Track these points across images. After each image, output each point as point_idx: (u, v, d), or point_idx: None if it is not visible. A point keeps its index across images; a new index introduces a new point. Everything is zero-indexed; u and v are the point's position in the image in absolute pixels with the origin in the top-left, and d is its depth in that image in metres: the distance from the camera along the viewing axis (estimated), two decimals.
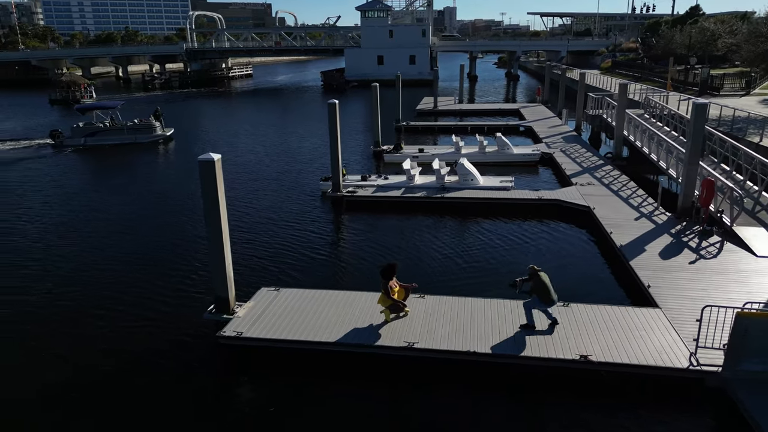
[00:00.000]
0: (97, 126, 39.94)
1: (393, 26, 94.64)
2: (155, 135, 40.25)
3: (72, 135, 39.44)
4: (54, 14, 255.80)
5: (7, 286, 16.00)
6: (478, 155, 30.62)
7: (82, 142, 39.02)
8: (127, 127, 40.10)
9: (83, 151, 37.69)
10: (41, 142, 40.23)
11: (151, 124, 40.60)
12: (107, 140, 39.28)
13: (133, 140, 39.41)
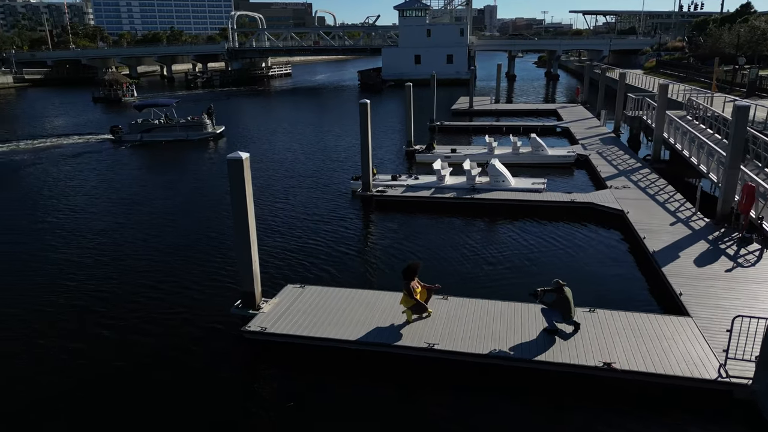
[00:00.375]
0: (152, 123, 41.70)
1: (431, 25, 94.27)
2: (206, 132, 41.39)
3: (130, 131, 41.37)
4: (104, 14, 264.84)
5: (49, 272, 16.71)
6: (511, 156, 30.30)
7: (139, 137, 40.80)
8: (179, 125, 41.59)
9: (139, 146, 39.32)
10: (103, 137, 42.30)
11: (202, 121, 41.80)
12: (161, 136, 40.93)
13: (185, 137, 40.80)
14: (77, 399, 10.81)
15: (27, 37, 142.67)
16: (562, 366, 10.99)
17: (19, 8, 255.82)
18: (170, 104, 43.09)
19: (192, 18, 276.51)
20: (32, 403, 10.70)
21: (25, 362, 12.13)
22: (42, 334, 13.30)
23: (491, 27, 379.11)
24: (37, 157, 36.64)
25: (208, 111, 42.98)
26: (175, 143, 39.64)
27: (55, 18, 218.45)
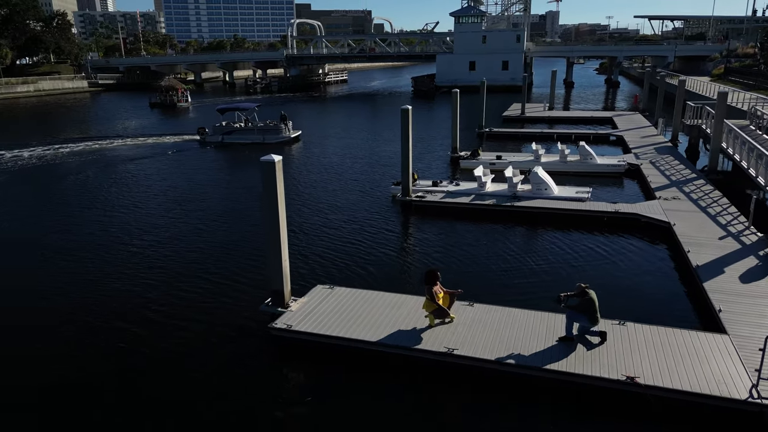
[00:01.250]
0: (233, 126, 43.60)
1: (486, 31, 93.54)
2: (282, 136, 42.75)
3: (213, 132, 43.53)
4: (174, 23, 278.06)
5: (93, 261, 17.80)
6: (558, 164, 29.74)
7: (220, 139, 42.90)
8: (257, 128, 43.32)
9: (221, 147, 41.29)
10: (191, 137, 44.74)
11: (279, 126, 43.25)
12: (240, 139, 42.77)
13: (261, 140, 42.13)
14: (117, 377, 11.51)
15: (103, 45, 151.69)
16: (582, 378, 10.76)
17: (98, 17, 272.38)
18: (251, 108, 44.78)
19: (255, 26, 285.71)
20: (74, 381, 11.47)
21: (69, 341, 12.99)
22: (84, 316, 14.20)
23: (553, 33, 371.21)
24: (128, 154, 39.68)
25: (282, 116, 44.24)
26: (253, 146, 41.03)
27: (129, 26, 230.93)
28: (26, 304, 15.30)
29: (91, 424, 10.29)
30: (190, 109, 71.03)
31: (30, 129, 55.56)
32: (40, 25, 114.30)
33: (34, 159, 37.90)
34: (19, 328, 13.99)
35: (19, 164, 36.12)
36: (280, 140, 42.49)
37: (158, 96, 75.00)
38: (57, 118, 66.61)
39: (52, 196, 28.08)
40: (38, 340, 13.32)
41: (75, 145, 43.24)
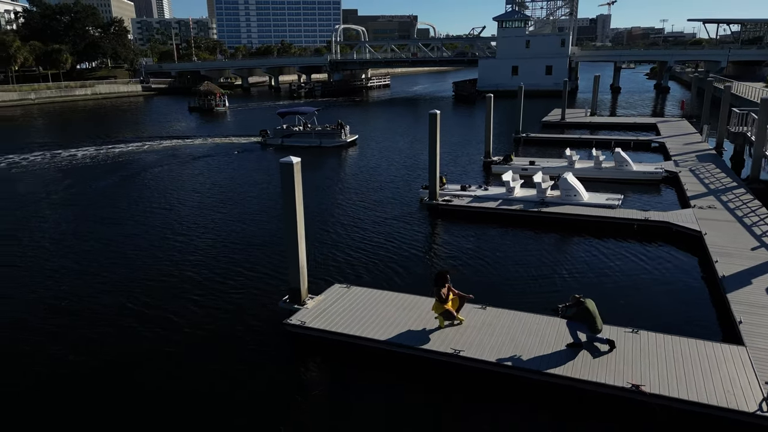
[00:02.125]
0: (292, 129, 44.97)
1: (530, 36, 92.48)
2: (338, 140, 43.30)
3: (274, 135, 45.00)
4: (225, 28, 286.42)
5: (147, 252, 18.76)
6: (592, 171, 29.29)
7: (280, 141, 44.27)
8: (315, 132, 44.40)
9: (280, 149, 42.30)
10: (255, 139, 46.34)
11: (336, 130, 44.04)
12: (298, 142, 43.92)
13: (318, 144, 43.16)
14: (142, 360, 12.21)
15: (157, 50, 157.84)
16: (585, 383, 10.73)
17: (154, 24, 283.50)
18: (311, 112, 45.92)
19: (303, 31, 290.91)
20: (106, 366, 12.24)
21: (110, 321, 13.83)
22: (119, 301, 15.06)
23: (603, 37, 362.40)
24: (197, 152, 41.88)
25: (338, 123, 44.93)
26: (310, 149, 41.93)
27: (183, 32, 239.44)
28: (68, 286, 16.32)
29: (107, 408, 10.96)
30: (227, 114, 72.52)
31: (87, 130, 58.45)
32: (99, 32, 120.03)
33: (87, 159, 39.98)
34: (63, 309, 14.96)
35: (83, 161, 38.21)
36: (337, 144, 43.04)
37: (197, 100, 76.65)
38: (112, 120, 69.93)
39: (106, 192, 29.57)
40: (79, 319, 14.23)
41: (139, 145, 45.74)
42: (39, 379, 11.91)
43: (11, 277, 17.86)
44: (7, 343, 13.54)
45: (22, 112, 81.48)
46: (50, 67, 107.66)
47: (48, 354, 12.96)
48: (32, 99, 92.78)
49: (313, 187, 29.42)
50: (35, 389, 11.57)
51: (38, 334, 13.94)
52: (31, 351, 13.10)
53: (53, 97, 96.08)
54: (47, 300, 15.94)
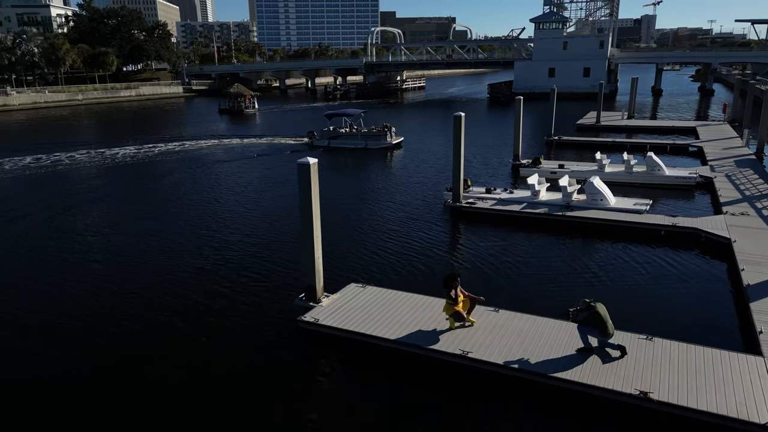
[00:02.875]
0: (339, 131, 45.21)
1: (568, 38, 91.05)
2: (384, 142, 43.36)
3: (321, 137, 45.44)
4: (265, 31, 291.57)
5: (149, 249, 19.45)
6: (623, 175, 28.76)
7: (327, 143, 44.65)
8: (361, 134, 44.63)
9: (326, 151, 42.76)
10: (302, 141, 46.99)
11: (382, 132, 44.05)
12: (344, 144, 44.32)
13: (364, 145, 43.29)
14: (160, 360, 12.74)
15: (199, 53, 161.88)
16: (593, 389, 10.65)
17: (198, 27, 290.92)
18: (357, 114, 46.24)
19: (341, 33, 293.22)
20: (127, 355, 12.82)
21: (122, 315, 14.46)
22: (136, 292, 15.69)
23: (648, 38, 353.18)
24: (247, 152, 42.83)
25: (385, 125, 44.85)
26: (356, 151, 42.34)
27: (225, 35, 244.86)
28: (97, 276, 17.08)
29: (125, 399, 11.48)
30: (257, 116, 73.22)
31: (130, 130, 60.56)
32: (144, 35, 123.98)
33: (127, 158, 41.48)
34: (95, 298, 15.70)
35: (124, 160, 39.73)
36: (382, 146, 43.03)
37: (227, 102, 76.67)
38: (153, 121, 72.17)
39: (144, 189, 30.70)
40: (104, 309, 14.92)
41: (178, 145, 46.93)
42: (63, 367, 12.55)
43: (51, 265, 18.77)
44: (45, 325, 14.29)
45: (70, 112, 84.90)
46: (97, 69, 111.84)
47: (76, 341, 13.63)
48: (80, 100, 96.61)
49: (343, 187, 30.15)
50: (58, 376, 12.21)
51: (72, 320, 14.65)
52: (67, 334, 13.81)
53: (99, 98, 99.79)
54: (81, 289, 16.71)
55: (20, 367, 12.57)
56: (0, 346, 13.58)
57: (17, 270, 18.70)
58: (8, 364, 12.72)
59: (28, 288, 17.08)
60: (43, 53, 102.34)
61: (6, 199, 28.90)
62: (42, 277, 17.92)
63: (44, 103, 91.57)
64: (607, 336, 11.52)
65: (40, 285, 17.30)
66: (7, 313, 15.32)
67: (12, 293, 16.69)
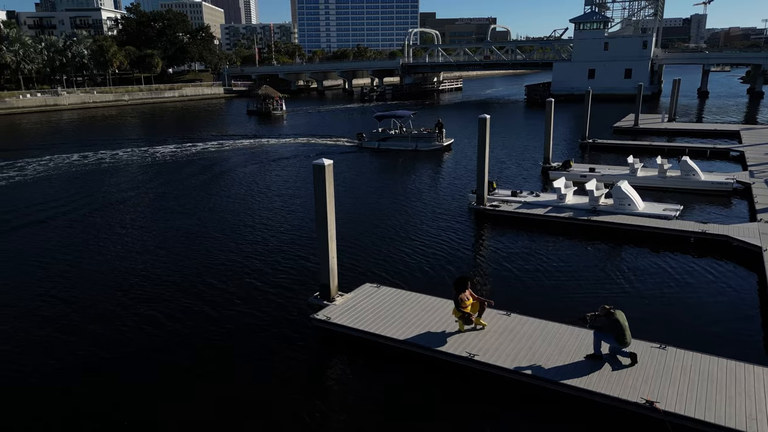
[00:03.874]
0: (389, 132, 44.84)
1: (609, 38, 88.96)
2: (434, 144, 42.65)
3: (370, 138, 45.18)
4: (306, 33, 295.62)
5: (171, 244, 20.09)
6: (656, 180, 28.04)
7: (376, 145, 44.24)
8: (411, 135, 44.13)
9: (375, 152, 42.52)
10: (351, 142, 46.99)
11: (433, 134, 43.36)
12: (394, 145, 43.94)
13: (414, 147, 42.54)
14: (180, 351, 13.22)
15: (241, 55, 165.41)
16: (598, 396, 10.51)
17: (241, 29, 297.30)
18: (407, 116, 45.81)
19: (380, 34, 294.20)
20: (142, 350, 13.37)
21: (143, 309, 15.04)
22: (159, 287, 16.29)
23: (698, 38, 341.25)
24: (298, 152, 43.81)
25: (438, 125, 44.02)
26: (404, 152, 41.81)
27: (267, 37, 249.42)
28: (124, 268, 17.84)
29: (138, 391, 11.96)
30: (284, 117, 73.51)
31: (171, 129, 62.52)
32: (188, 37, 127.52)
33: (167, 156, 42.87)
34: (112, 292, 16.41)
35: (164, 158, 41.13)
36: (432, 148, 42.38)
37: (255, 103, 76.99)
38: (193, 121, 74.15)
39: (183, 186, 31.70)
40: (127, 302, 15.57)
41: (216, 144, 48.17)
42: (71, 354, 13.19)
43: (87, 255, 19.66)
44: (75, 310, 15.04)
45: (116, 112, 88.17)
46: (143, 71, 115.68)
47: (97, 326, 14.28)
48: (126, 100, 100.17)
49: (374, 187, 30.63)
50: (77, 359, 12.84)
51: (96, 309, 15.36)
52: (98, 319, 14.50)
53: (144, 98, 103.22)
54: (107, 277, 17.47)
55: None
56: (51, 322, 14.41)
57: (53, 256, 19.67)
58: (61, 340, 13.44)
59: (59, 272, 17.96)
60: (92, 55, 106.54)
61: (52, 194, 30.28)
62: (71, 260, 18.81)
63: (92, 103, 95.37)
64: (623, 345, 11.32)
65: (68, 267, 18.17)
66: (50, 295, 16.19)
67: (56, 277, 17.58)
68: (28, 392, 11.79)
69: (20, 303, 16.19)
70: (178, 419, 10.80)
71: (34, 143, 53.32)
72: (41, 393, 11.74)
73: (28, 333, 14.36)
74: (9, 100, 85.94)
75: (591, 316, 11.68)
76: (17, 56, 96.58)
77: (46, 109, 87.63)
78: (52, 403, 11.43)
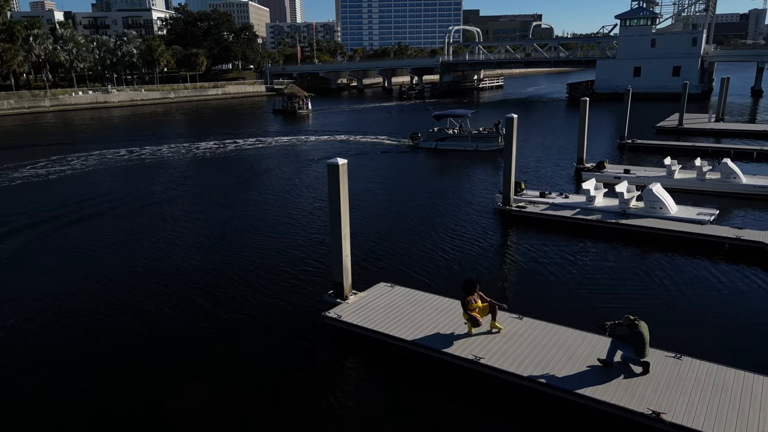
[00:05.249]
0: (446, 132, 43.36)
1: (656, 35, 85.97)
2: (495, 144, 40.69)
3: (426, 138, 43.68)
4: (349, 31, 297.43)
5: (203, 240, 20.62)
6: (694, 182, 27.04)
7: (434, 145, 42.75)
8: (471, 135, 42.23)
9: (432, 153, 41.35)
10: (404, 142, 45.55)
11: (493, 134, 41.61)
12: (452, 145, 42.58)
13: (474, 148, 40.88)
14: (199, 344, 13.63)
15: (285, 53, 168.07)
16: (603, 404, 10.26)
17: (285, 28, 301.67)
18: (466, 115, 43.81)
19: (423, 32, 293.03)
20: (160, 343, 13.84)
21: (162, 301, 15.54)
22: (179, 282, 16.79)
23: (756, 34, 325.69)
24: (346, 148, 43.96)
25: (496, 125, 42.24)
26: (464, 153, 40.52)
27: (310, 36, 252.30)
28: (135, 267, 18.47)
29: (154, 384, 12.39)
30: (309, 117, 72.90)
31: (213, 127, 64.18)
32: (232, 37, 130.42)
33: (207, 152, 44.07)
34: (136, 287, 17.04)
35: (203, 154, 42.35)
36: (493, 148, 40.53)
37: (281, 103, 76.32)
38: (234, 118, 75.89)
39: (215, 181, 32.56)
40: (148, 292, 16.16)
41: (253, 141, 49.32)
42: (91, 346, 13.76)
43: (116, 247, 20.48)
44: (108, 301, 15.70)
45: (162, 109, 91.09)
46: (188, 69, 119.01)
47: (113, 319, 14.87)
48: (172, 98, 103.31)
49: (405, 185, 30.77)
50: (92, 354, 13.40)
51: (110, 303, 15.99)
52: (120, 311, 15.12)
53: (189, 96, 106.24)
54: (127, 267, 18.15)
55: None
56: (75, 313, 15.14)
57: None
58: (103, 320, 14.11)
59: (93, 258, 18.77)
60: (141, 54, 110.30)
61: (96, 188, 31.60)
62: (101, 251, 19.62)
63: (140, 100, 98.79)
64: (641, 356, 11.00)
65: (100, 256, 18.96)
66: (92, 281, 16.98)
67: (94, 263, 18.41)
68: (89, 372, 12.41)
69: (62, 287, 17.02)
70: (187, 406, 11.14)
71: (85, 138, 55.84)
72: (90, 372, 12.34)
73: (77, 314, 15.09)
74: (62, 98, 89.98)
75: (611, 325, 11.38)
76: (71, 55, 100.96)
77: (96, 106, 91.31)
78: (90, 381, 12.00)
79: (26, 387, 12.07)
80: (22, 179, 34.77)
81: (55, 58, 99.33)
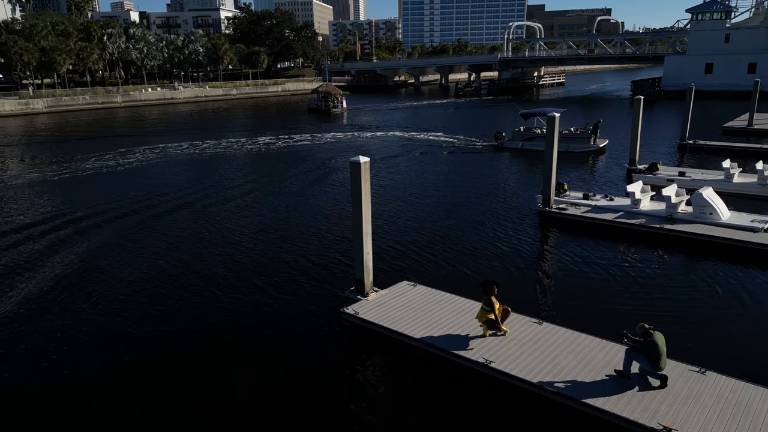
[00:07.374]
0: (534, 132, 40.93)
1: (731, 29, 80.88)
2: (588, 146, 38.58)
3: (512, 138, 41.56)
4: (410, 28, 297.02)
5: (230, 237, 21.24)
6: (755, 187, 25.44)
7: (520, 145, 40.61)
8: (561, 136, 38.05)
9: (518, 153, 39.36)
10: (488, 143, 43.57)
11: (586, 134, 39.02)
12: (541, 146, 37.82)
13: (565, 149, 36.20)
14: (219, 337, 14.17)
15: (345, 51, 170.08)
16: (613, 416, 9.88)
17: (348, 26, 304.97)
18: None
19: (485, 28, 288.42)
20: (182, 332, 14.45)
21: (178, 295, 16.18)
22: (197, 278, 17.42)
23: None
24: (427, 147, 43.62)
25: (595, 124, 39.73)
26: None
27: (372, 33, 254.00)
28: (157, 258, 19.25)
29: (172, 375, 12.95)
30: (344, 116, 71.18)
31: (271, 122, 65.90)
32: (293, 35, 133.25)
33: (262, 147, 45.38)
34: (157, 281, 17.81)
35: (261, 150, 43.73)
36: (585, 150, 38.34)
37: (315, 101, 74.87)
38: (291, 114, 77.57)
39: (262, 176, 33.53)
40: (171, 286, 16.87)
41: (307, 137, 50.40)
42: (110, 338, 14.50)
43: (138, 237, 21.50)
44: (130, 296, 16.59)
45: (225, 105, 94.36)
46: (250, 67, 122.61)
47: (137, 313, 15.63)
48: (234, 94, 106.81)
49: (451, 183, 30.71)
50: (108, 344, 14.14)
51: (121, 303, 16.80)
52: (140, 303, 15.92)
53: (250, 93, 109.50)
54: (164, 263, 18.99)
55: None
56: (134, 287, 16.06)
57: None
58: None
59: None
60: (206, 52, 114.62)
61: (155, 180, 33.24)
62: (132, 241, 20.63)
63: (204, 96, 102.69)
64: (657, 369, 10.52)
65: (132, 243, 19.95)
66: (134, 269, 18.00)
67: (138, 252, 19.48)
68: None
69: (124, 276, 18.10)
70: (207, 395, 11.61)
71: (153, 131, 59.40)
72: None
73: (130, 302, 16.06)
74: (133, 94, 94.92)
75: (625, 333, 10.98)
76: (141, 53, 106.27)
77: (164, 102, 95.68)
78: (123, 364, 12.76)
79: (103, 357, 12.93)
80: (107, 168, 37.49)
81: (127, 56, 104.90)
